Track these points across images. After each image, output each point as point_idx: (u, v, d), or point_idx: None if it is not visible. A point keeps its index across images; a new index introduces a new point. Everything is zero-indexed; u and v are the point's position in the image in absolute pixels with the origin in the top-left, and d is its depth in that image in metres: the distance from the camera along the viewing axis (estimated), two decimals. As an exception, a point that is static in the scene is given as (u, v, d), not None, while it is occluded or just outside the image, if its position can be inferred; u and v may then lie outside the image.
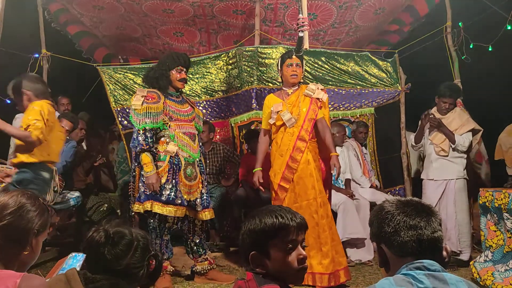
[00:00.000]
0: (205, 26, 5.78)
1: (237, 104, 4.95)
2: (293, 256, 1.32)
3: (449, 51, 4.73)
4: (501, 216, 3.04)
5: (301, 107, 3.33)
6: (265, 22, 5.40)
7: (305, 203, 3.21)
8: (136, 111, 3.15)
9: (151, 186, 3.09)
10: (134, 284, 1.35)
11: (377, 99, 5.15)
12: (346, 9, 5.14)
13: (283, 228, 1.32)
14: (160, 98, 3.21)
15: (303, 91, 3.40)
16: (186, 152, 3.26)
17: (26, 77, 3.22)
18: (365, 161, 4.80)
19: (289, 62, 3.38)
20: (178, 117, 3.29)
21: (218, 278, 3.37)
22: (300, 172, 3.24)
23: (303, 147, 3.26)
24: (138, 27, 5.77)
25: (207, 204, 3.41)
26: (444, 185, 3.97)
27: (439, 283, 1.11)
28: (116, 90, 5.00)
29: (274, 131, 3.43)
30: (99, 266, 1.31)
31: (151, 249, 1.39)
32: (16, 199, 1.42)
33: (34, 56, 4.93)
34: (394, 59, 5.21)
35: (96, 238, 1.32)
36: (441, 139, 3.98)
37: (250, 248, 1.34)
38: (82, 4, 5.06)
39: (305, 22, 3.25)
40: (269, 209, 1.38)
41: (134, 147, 3.16)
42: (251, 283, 1.28)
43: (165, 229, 3.24)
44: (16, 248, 1.40)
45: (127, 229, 1.37)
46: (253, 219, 1.35)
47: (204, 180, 3.43)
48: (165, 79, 3.28)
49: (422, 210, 1.27)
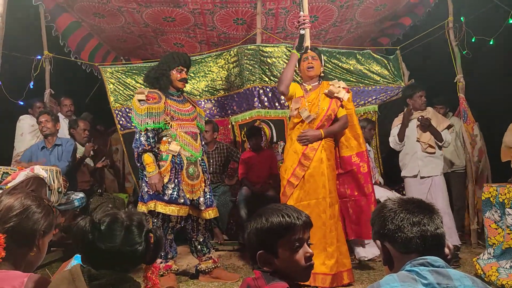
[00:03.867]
0: (205, 38, 5.81)
1: (238, 102, 4.96)
2: (300, 254, 1.34)
3: (451, 46, 4.71)
4: (504, 212, 3.04)
5: (321, 106, 3.29)
6: (266, 30, 5.40)
7: (313, 202, 3.18)
8: (137, 112, 3.15)
9: (154, 186, 3.10)
10: (136, 261, 1.33)
11: (381, 96, 5.14)
12: (347, 8, 5.13)
13: (290, 227, 1.33)
14: (161, 98, 3.21)
15: (323, 89, 3.34)
16: (188, 151, 3.26)
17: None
18: (369, 158, 4.77)
19: (304, 56, 3.37)
20: (180, 116, 3.29)
21: (222, 276, 3.38)
22: (312, 170, 3.21)
23: (317, 145, 3.24)
24: (139, 38, 5.80)
25: (211, 203, 3.41)
26: (429, 182, 4.02)
27: (443, 279, 1.11)
28: (116, 90, 5.01)
29: (291, 127, 3.40)
30: (92, 254, 1.28)
31: (146, 226, 1.36)
32: (21, 201, 1.43)
33: (36, 58, 4.95)
34: (396, 55, 5.19)
35: (82, 225, 1.28)
36: (427, 137, 4.03)
37: (257, 247, 1.34)
38: (83, 10, 5.06)
39: (306, 20, 3.25)
40: (274, 208, 1.38)
41: (136, 148, 3.15)
42: (260, 281, 1.29)
43: (169, 229, 3.25)
44: (23, 249, 1.42)
45: (115, 212, 1.35)
46: (260, 218, 1.36)
47: (207, 179, 3.43)
48: (166, 79, 3.28)
49: (425, 207, 1.29)
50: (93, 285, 1.22)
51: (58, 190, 3.57)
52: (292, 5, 4.97)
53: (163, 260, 3.23)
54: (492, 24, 4.61)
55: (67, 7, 5.04)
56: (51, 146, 4.18)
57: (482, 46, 4.71)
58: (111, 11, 5.03)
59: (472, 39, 4.66)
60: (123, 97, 5.01)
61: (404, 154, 4.23)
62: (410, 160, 4.14)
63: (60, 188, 3.58)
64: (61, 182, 3.63)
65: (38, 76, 4.94)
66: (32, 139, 4.69)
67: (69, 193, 3.99)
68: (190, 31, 5.59)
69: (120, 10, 5.00)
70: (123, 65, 5.61)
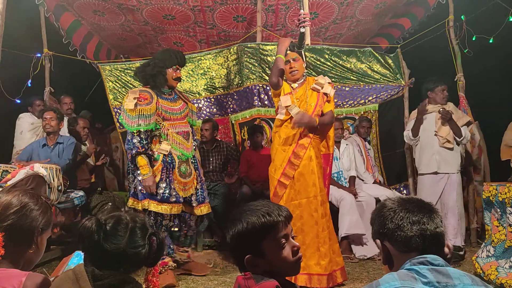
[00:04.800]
0: (205, 37, 5.80)
1: (238, 101, 4.95)
2: (287, 250, 1.31)
3: (452, 45, 4.71)
4: (504, 211, 3.04)
5: (309, 102, 3.25)
6: (266, 27, 5.38)
7: (304, 201, 3.12)
8: (128, 114, 3.11)
9: (148, 188, 3.11)
10: (139, 264, 1.34)
11: (381, 95, 5.13)
12: (348, 5, 5.13)
13: (273, 226, 1.29)
14: (152, 98, 3.17)
15: (310, 85, 3.30)
16: (179, 151, 3.27)
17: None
18: (368, 156, 4.78)
19: (285, 60, 3.29)
20: (171, 116, 3.28)
21: (193, 268, 3.41)
22: (301, 169, 3.16)
23: (307, 143, 3.18)
24: (139, 36, 5.79)
25: (202, 199, 3.43)
26: (445, 180, 3.95)
27: (442, 277, 1.11)
28: (115, 88, 5.01)
29: (278, 124, 3.33)
30: (97, 254, 1.28)
31: (150, 229, 1.37)
32: (18, 198, 1.43)
33: (36, 56, 4.95)
34: (397, 54, 5.19)
35: (88, 226, 1.29)
36: (446, 131, 3.93)
37: (243, 252, 1.30)
38: (82, 8, 5.05)
39: (307, 18, 3.23)
40: (252, 209, 1.33)
41: (130, 149, 3.13)
42: (250, 281, 1.26)
43: (162, 227, 3.27)
44: (21, 247, 1.42)
45: (120, 214, 1.36)
46: (239, 223, 1.30)
47: (198, 176, 3.44)
48: (162, 77, 3.24)
49: (424, 206, 1.29)
50: (97, 285, 1.23)
51: (58, 188, 3.57)
52: (292, 1, 4.96)
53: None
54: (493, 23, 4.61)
55: (67, 5, 5.03)
56: (53, 144, 4.17)
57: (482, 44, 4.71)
58: (110, 9, 5.02)
59: (473, 38, 4.65)
60: (122, 95, 5.00)
61: (420, 150, 4.13)
62: (426, 155, 4.02)
63: (60, 186, 3.58)
64: (61, 181, 3.63)
65: (38, 74, 4.94)
66: (32, 137, 4.68)
67: (69, 191, 3.99)
68: (190, 29, 5.58)
69: (120, 7, 4.99)
70: (122, 62, 5.60)
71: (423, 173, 4.07)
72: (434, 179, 3.98)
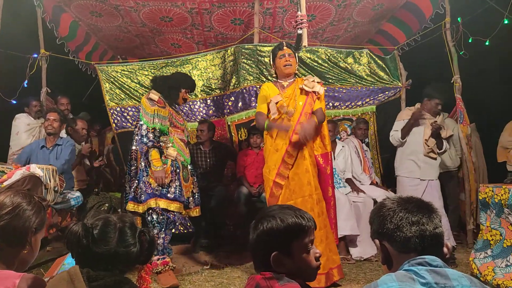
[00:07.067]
0: (202, 39, 5.80)
1: (234, 102, 4.94)
2: (311, 255, 1.35)
3: (448, 47, 4.73)
4: (501, 211, 3.05)
5: (298, 101, 3.26)
6: (263, 29, 5.39)
7: (300, 200, 3.09)
8: (146, 110, 3.41)
9: (160, 179, 3.28)
10: (132, 262, 1.34)
11: (379, 97, 5.14)
12: (345, 7, 5.14)
13: (305, 229, 1.35)
14: (165, 105, 3.52)
15: (299, 85, 3.32)
16: (182, 156, 3.54)
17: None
18: (365, 158, 4.78)
19: (281, 53, 3.33)
20: (176, 124, 3.58)
21: (161, 278, 3.25)
22: (295, 168, 3.15)
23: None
24: (136, 38, 5.78)
25: (198, 202, 3.71)
26: (425, 184, 4.05)
27: (441, 278, 1.11)
28: (112, 89, 4.99)
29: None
30: (88, 258, 1.28)
31: (138, 227, 1.38)
32: (11, 198, 1.41)
33: (33, 56, 4.92)
34: (394, 55, 5.20)
35: (75, 231, 1.29)
36: (433, 142, 4.06)
37: (269, 249, 1.32)
38: (80, 9, 5.03)
39: (304, 20, 3.23)
40: (286, 209, 1.38)
41: (145, 144, 3.34)
42: (272, 281, 1.26)
43: (169, 225, 3.36)
44: (15, 248, 1.40)
45: (107, 215, 1.37)
46: (273, 219, 1.34)
47: (194, 180, 3.72)
48: (175, 93, 3.61)
49: (423, 207, 1.28)
50: (92, 286, 1.23)
51: (54, 189, 3.55)
52: (290, 4, 4.96)
53: (160, 257, 3.27)
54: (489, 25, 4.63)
55: (64, 6, 5.01)
56: (52, 145, 4.15)
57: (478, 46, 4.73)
58: (108, 10, 5.01)
59: (469, 40, 4.67)
60: (118, 97, 4.99)
61: (403, 153, 4.19)
62: (410, 161, 4.12)
63: (56, 187, 3.56)
64: (57, 181, 3.61)
65: (35, 74, 4.91)
66: (28, 138, 4.66)
67: (65, 192, 3.97)
68: (187, 31, 5.58)
69: (117, 9, 4.98)
70: (119, 64, 5.59)
71: (403, 176, 4.16)
72: (414, 182, 4.09)
